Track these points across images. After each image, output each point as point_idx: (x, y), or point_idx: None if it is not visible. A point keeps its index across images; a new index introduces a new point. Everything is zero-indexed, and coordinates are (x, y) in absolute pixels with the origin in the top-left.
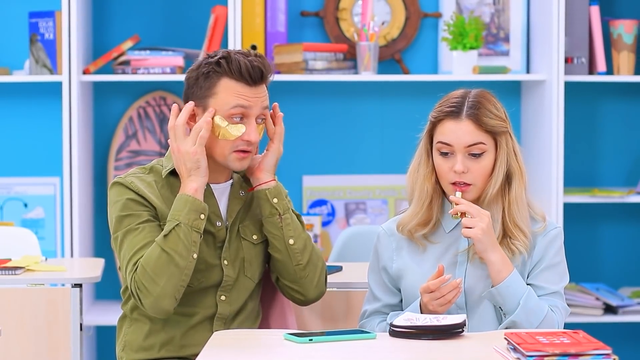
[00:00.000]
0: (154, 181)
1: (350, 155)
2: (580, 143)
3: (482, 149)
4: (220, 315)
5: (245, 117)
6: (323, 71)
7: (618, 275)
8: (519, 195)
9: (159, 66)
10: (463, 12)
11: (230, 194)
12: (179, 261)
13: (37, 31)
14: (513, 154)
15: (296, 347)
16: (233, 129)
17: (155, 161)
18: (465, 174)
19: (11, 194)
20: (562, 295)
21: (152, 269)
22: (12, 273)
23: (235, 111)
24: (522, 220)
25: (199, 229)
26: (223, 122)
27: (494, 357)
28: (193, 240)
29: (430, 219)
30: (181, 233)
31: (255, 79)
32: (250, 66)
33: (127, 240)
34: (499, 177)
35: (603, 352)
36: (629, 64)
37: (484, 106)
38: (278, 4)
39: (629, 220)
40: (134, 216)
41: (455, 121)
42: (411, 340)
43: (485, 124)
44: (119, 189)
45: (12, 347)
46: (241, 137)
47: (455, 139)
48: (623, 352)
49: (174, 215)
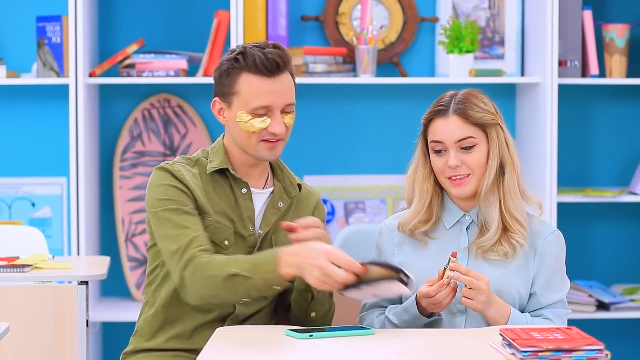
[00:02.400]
0: (198, 174)
1: (350, 155)
2: (574, 144)
3: (472, 142)
4: (236, 316)
5: (270, 110)
6: (323, 74)
7: (610, 272)
8: (512, 185)
9: (163, 69)
10: (459, 17)
11: (269, 203)
12: (230, 297)
13: (45, 35)
14: (505, 146)
15: (297, 342)
16: (257, 121)
17: (199, 152)
18: (460, 168)
19: (19, 194)
20: (563, 302)
21: (202, 281)
22: (20, 271)
23: (257, 108)
24: (517, 210)
25: (265, 294)
26: (247, 116)
27: (489, 352)
28: (250, 294)
29: (431, 217)
30: (246, 285)
31: (273, 70)
32: (266, 58)
33: (172, 222)
34: (493, 168)
35: (596, 348)
36: (620, 67)
37: (470, 101)
38: (279, 8)
39: (621, 219)
40: (176, 202)
41: (443, 118)
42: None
43: (472, 117)
44: (164, 174)
45: (20, 342)
46: (265, 129)
47: (445, 136)
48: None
49: (257, 268)
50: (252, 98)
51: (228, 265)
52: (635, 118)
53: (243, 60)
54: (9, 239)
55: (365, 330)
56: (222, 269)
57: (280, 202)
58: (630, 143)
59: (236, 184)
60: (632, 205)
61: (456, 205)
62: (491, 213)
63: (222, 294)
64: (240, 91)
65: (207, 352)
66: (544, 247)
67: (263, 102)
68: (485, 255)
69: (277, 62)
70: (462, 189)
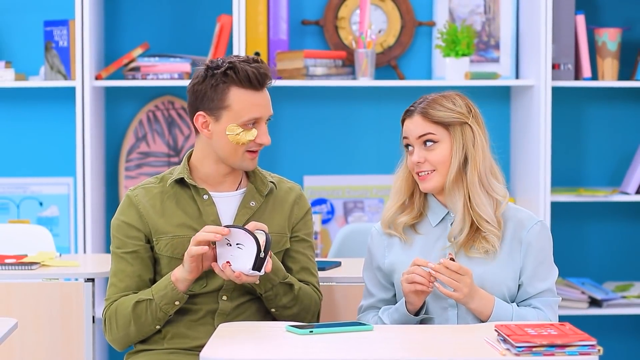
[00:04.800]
0: (160, 192)
1: (349, 156)
2: (567, 145)
3: (432, 139)
4: (222, 311)
5: (257, 122)
6: (323, 77)
7: (603, 270)
8: (472, 181)
9: (167, 72)
10: (456, 21)
11: (241, 203)
12: (141, 327)
13: (52, 39)
14: (470, 144)
15: (298, 338)
16: (247, 134)
17: (168, 170)
18: (423, 164)
19: (27, 194)
20: (552, 290)
21: (118, 319)
22: (28, 268)
23: (248, 120)
24: (480, 207)
25: (168, 312)
26: (238, 129)
27: (485, 348)
28: (159, 317)
29: (413, 211)
30: (150, 309)
31: (263, 84)
32: (258, 73)
33: (112, 265)
34: (454, 165)
35: (588, 343)
36: (612, 70)
37: (436, 102)
38: (280, 13)
39: (613, 218)
40: (121, 241)
41: (410, 118)
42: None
43: (433, 116)
44: (123, 204)
45: (28, 338)
46: (254, 141)
47: (409, 132)
48: (607, 343)
49: (153, 290)
50: (244, 112)
51: (134, 297)
52: (627, 119)
53: (235, 75)
54: (18, 238)
55: (364, 326)
56: (129, 302)
57: (252, 201)
58: (621, 144)
59: (197, 192)
60: (623, 205)
61: (439, 202)
62: (456, 203)
63: (134, 327)
64: (231, 105)
65: (209, 347)
66: (528, 239)
67: (254, 114)
68: (468, 253)
69: (266, 75)
70: (426, 184)
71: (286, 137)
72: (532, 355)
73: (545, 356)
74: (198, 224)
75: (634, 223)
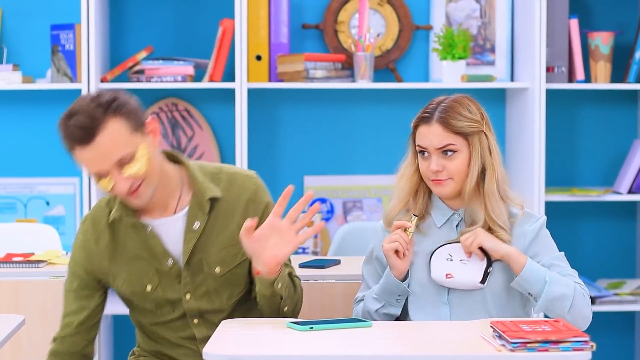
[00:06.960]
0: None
1: (348, 157)
2: (561, 146)
3: (452, 149)
4: (190, 310)
5: (105, 174)
6: (323, 79)
7: (596, 268)
8: (490, 189)
9: (171, 75)
10: (452, 25)
11: (185, 227)
12: None
13: (59, 42)
14: (487, 152)
15: (298, 334)
16: (104, 183)
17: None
18: (440, 172)
19: (34, 193)
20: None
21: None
22: (35, 266)
23: (93, 175)
24: (495, 213)
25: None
26: (95, 180)
27: (481, 343)
28: None
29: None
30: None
31: (85, 139)
32: (70, 131)
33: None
34: (474, 173)
35: (581, 339)
36: (605, 73)
37: (453, 110)
38: (281, 17)
39: (606, 217)
40: (69, 275)
41: (427, 126)
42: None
43: (454, 126)
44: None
45: (35, 334)
46: (112, 190)
47: (427, 142)
48: (600, 340)
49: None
50: (86, 169)
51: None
52: (619, 121)
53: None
54: (25, 236)
55: (363, 322)
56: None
57: (196, 222)
58: (614, 145)
59: (136, 226)
60: (616, 204)
61: (444, 204)
62: (477, 214)
63: None
64: (79, 162)
65: (211, 344)
66: (533, 228)
67: (90, 172)
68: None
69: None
70: (442, 189)
71: (287, 138)
72: (527, 351)
73: (540, 352)
74: (149, 254)
75: (626, 222)
